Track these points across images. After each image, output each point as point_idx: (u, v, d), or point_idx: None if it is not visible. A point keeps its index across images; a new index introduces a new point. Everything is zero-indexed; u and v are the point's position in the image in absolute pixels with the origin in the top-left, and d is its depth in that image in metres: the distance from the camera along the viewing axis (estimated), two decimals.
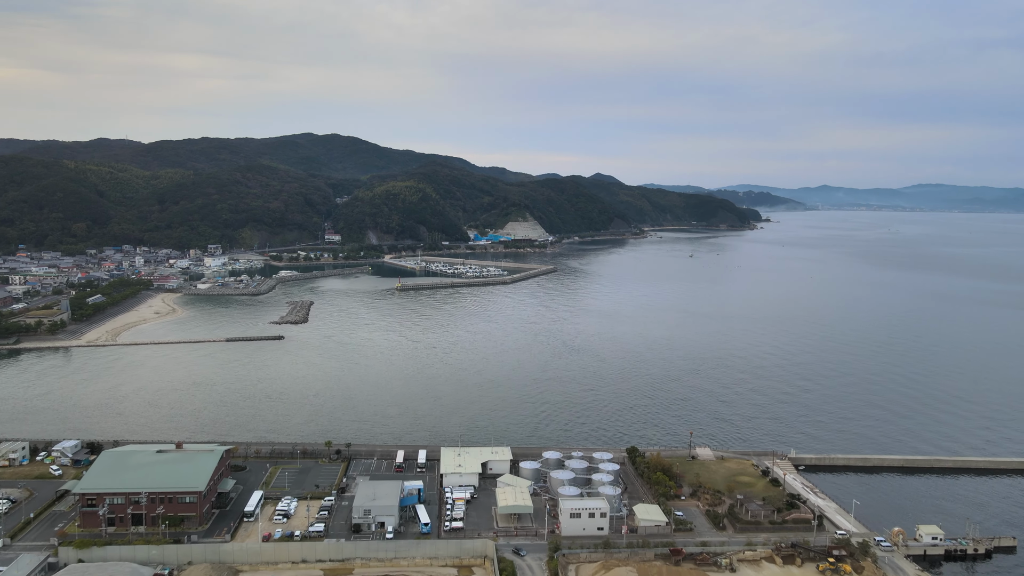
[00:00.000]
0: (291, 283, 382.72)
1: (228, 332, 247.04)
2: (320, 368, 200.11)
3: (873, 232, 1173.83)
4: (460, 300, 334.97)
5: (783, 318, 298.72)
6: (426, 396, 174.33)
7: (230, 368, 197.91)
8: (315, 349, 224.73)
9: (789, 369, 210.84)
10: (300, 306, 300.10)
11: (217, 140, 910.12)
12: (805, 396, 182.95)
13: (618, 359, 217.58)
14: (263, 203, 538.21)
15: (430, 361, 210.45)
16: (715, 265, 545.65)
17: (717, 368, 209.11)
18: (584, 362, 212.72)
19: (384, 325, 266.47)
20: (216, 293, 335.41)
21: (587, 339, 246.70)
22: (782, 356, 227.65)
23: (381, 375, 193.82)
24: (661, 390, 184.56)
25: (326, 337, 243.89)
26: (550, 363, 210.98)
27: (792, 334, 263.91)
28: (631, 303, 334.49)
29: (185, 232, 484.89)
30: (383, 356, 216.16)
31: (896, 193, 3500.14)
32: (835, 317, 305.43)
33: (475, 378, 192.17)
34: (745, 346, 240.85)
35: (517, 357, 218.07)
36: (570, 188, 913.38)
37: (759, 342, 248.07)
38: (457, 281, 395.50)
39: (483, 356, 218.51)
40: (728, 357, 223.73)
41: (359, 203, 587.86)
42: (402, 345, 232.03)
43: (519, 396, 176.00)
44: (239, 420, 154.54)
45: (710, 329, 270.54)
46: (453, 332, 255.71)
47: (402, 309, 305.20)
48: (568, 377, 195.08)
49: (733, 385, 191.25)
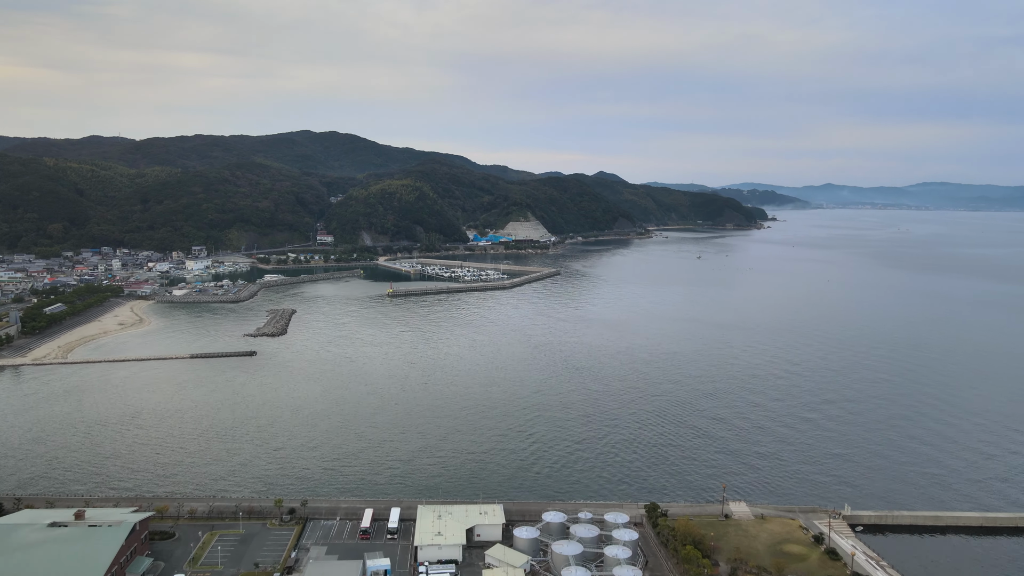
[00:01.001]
0: (276, 288, 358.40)
1: (195, 347, 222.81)
2: (288, 393, 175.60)
3: (883, 231, 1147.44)
4: (455, 308, 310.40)
5: (805, 329, 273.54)
6: (407, 429, 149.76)
7: (185, 393, 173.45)
8: (288, 368, 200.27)
9: (823, 394, 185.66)
10: (280, 315, 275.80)
11: (210, 137, 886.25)
12: (848, 428, 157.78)
13: (626, 381, 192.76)
14: (252, 202, 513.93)
15: (415, 382, 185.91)
16: (725, 267, 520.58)
17: (739, 392, 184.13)
18: (588, 384, 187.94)
19: (369, 338, 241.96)
20: (192, 300, 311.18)
21: (590, 354, 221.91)
22: (812, 377, 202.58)
23: (358, 402, 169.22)
24: (679, 422, 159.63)
25: (303, 353, 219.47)
26: (550, 385, 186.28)
27: (818, 348, 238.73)
28: (638, 311, 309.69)
29: (168, 233, 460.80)
30: (363, 376, 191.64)
31: (901, 192, 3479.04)
32: (866, 328, 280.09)
33: (464, 404, 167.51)
34: (767, 363, 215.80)
35: (513, 376, 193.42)
36: (573, 187, 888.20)
37: (782, 358, 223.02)
38: (453, 286, 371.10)
39: (475, 375, 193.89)
40: (749, 378, 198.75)
41: (353, 202, 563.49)
42: (386, 362, 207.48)
43: (514, 428, 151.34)
44: (176, 467, 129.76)
45: (726, 342, 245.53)
46: (444, 346, 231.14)
47: (391, 318, 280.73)
48: (570, 402, 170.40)
49: (760, 415, 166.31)
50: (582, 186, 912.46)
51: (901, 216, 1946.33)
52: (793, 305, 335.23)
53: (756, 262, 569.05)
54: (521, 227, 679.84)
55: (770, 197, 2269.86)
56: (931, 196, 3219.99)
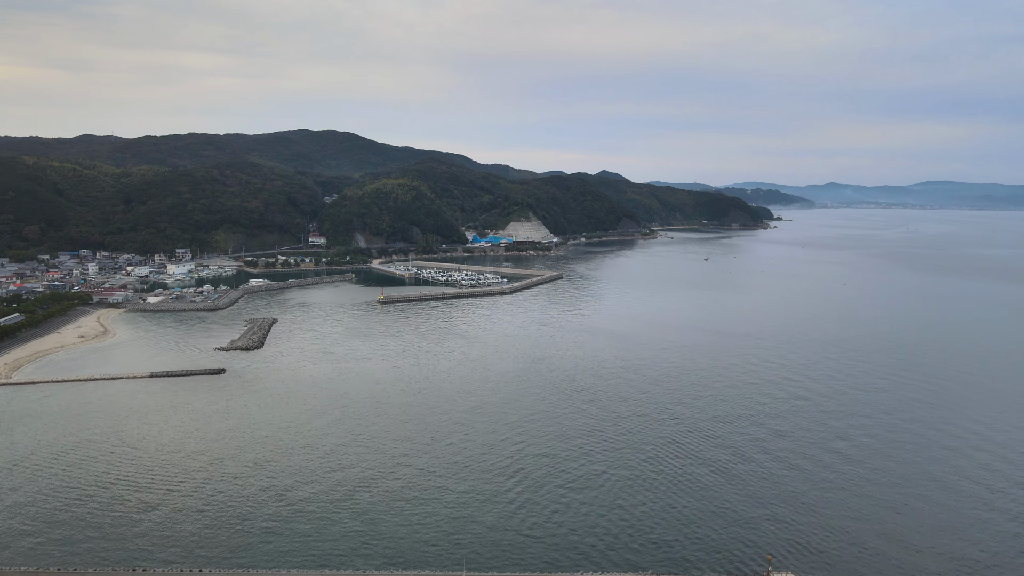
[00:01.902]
0: (259, 295, 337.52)
1: (157, 363, 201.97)
2: (248, 423, 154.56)
3: (892, 231, 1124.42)
4: (449, 316, 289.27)
5: (826, 339, 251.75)
6: (373, 470, 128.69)
7: (130, 423, 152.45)
8: (256, 390, 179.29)
9: (853, 419, 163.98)
10: (259, 326, 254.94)
11: (204, 136, 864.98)
12: (896, 468, 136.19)
13: (630, 403, 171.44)
14: (241, 203, 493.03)
15: (394, 407, 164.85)
16: (734, 269, 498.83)
17: (760, 417, 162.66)
18: (588, 408, 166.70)
19: (352, 352, 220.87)
20: (167, 308, 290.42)
21: (592, 371, 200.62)
22: (840, 398, 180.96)
23: (323, 434, 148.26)
24: (693, 457, 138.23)
25: (277, 370, 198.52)
26: (544, 410, 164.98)
27: (842, 362, 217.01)
28: (644, 319, 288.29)
29: (151, 235, 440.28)
30: (337, 400, 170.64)
31: (905, 190, 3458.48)
32: (893, 337, 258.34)
33: (445, 434, 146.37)
34: (788, 380, 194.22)
35: (504, 398, 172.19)
36: (576, 186, 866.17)
37: (805, 374, 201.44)
38: (449, 291, 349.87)
39: (461, 398, 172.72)
40: (770, 400, 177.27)
41: (347, 203, 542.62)
42: (366, 382, 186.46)
43: (497, 466, 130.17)
44: (88, 523, 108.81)
45: (741, 355, 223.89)
46: (432, 360, 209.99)
47: (379, 329, 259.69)
48: (566, 431, 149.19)
49: (788, 448, 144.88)
50: (585, 185, 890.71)
51: (907, 215, 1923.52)
52: (810, 312, 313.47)
53: (766, 264, 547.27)
54: (522, 228, 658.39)
55: (774, 196, 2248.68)
56: (935, 195, 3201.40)
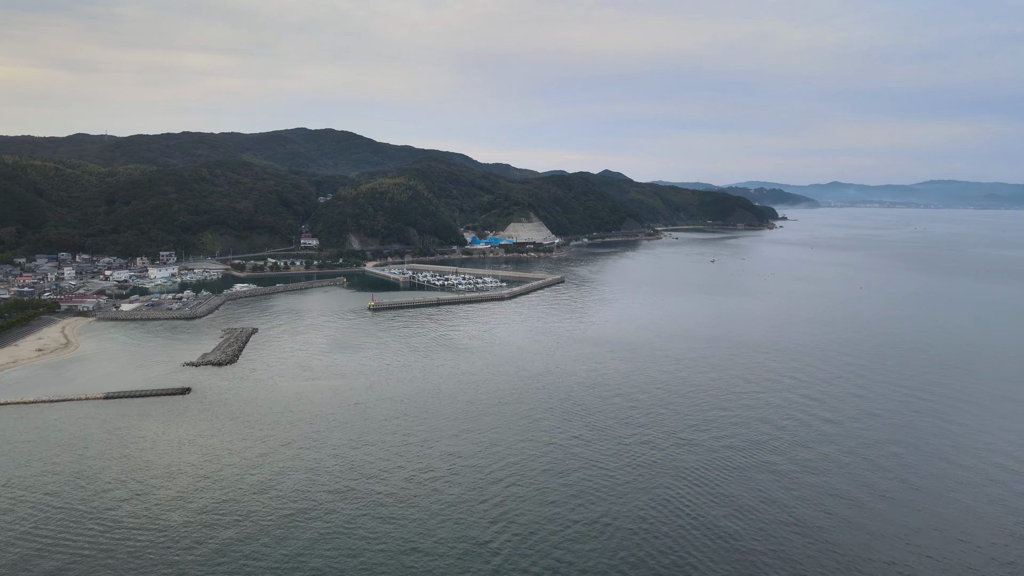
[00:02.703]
0: (243, 301, 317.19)
1: (117, 381, 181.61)
2: (202, 457, 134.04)
3: (900, 231, 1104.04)
4: (442, 324, 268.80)
5: (856, 352, 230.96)
6: (332, 530, 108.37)
7: (63, 459, 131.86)
8: (220, 414, 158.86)
9: (905, 456, 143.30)
10: (236, 337, 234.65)
11: (198, 134, 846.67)
12: (958, 516, 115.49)
13: (636, 432, 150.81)
14: (229, 203, 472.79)
15: (368, 440, 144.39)
16: (743, 272, 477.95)
17: (791, 450, 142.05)
18: (587, 438, 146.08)
19: (333, 366, 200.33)
20: (140, 317, 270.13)
21: (594, 390, 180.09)
22: (884, 425, 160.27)
23: (281, 473, 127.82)
24: (717, 500, 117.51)
25: (249, 389, 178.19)
26: (535, 442, 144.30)
27: (880, 380, 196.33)
28: (652, 327, 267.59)
29: (134, 237, 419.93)
30: (306, 427, 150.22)
31: (908, 189, 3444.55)
32: (923, 348, 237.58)
33: (416, 471, 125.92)
34: (815, 403, 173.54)
35: (491, 426, 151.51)
36: (578, 185, 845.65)
37: (834, 395, 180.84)
38: (444, 297, 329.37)
39: (443, 427, 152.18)
40: (797, 425, 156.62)
41: (341, 203, 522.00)
42: (342, 404, 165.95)
43: (483, 512, 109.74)
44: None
45: (761, 371, 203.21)
46: (418, 377, 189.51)
47: (365, 339, 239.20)
48: (561, 477, 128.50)
49: (824, 488, 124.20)
50: (587, 184, 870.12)
51: (912, 215, 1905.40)
52: (829, 319, 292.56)
53: (775, 266, 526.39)
54: (523, 228, 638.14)
55: (778, 196, 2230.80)
56: (939, 194, 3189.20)
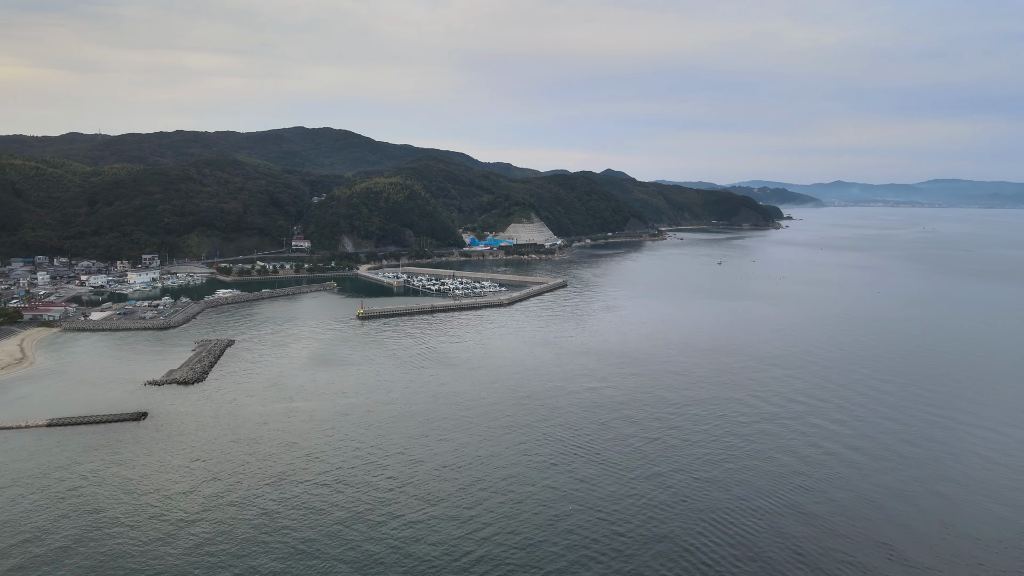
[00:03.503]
0: (224, 308, 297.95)
1: (67, 405, 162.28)
2: (143, 500, 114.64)
3: (908, 231, 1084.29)
4: (434, 335, 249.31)
5: (880, 368, 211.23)
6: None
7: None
8: (175, 444, 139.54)
9: (933, 510, 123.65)
10: (209, 350, 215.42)
11: (191, 133, 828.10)
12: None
13: (640, 471, 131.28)
14: (217, 203, 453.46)
15: (334, 474, 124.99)
16: (753, 275, 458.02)
17: (837, 501, 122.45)
18: (584, 478, 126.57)
19: (308, 385, 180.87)
20: (110, 327, 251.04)
21: (595, 416, 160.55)
22: (911, 466, 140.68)
23: (229, 526, 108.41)
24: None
25: (212, 412, 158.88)
26: (517, 488, 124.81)
27: (909, 405, 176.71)
28: (659, 337, 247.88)
29: (115, 239, 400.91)
30: (264, 461, 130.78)
31: (912, 189, 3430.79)
32: (970, 365, 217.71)
33: (386, 536, 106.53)
34: (833, 432, 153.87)
35: (479, 459, 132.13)
36: (581, 185, 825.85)
37: (855, 425, 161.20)
38: (439, 304, 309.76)
39: (418, 465, 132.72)
40: (832, 462, 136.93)
41: (334, 203, 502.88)
42: (309, 432, 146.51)
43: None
44: None
45: (780, 390, 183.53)
46: (403, 398, 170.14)
47: (350, 351, 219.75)
48: (553, 535, 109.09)
49: (842, 554, 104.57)
50: (590, 184, 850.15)
51: (918, 214, 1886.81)
52: (848, 328, 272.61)
53: (785, 268, 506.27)
54: (524, 229, 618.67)
55: (781, 195, 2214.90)
56: (942, 193, 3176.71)
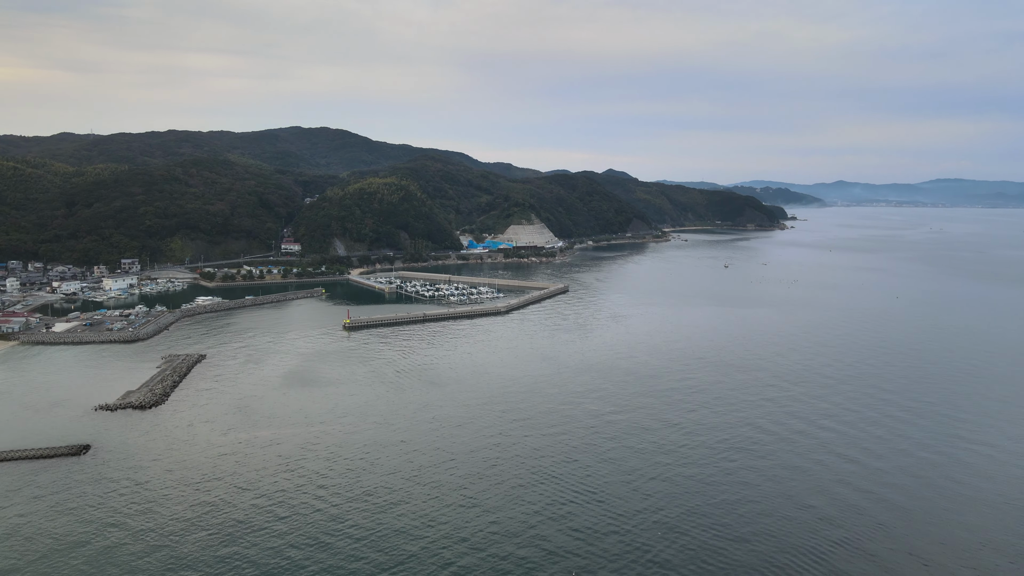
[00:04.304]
0: (201, 317, 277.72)
1: (2, 434, 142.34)
2: (51, 565, 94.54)
3: (916, 231, 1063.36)
4: (425, 348, 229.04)
5: (917, 389, 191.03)
6: None
7: None
8: (107, 491, 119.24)
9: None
10: (175, 367, 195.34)
11: (184, 133, 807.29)
12: None
13: (656, 523, 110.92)
14: (203, 205, 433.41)
15: (279, 529, 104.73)
16: (763, 279, 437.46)
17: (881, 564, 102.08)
18: (586, 545, 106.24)
19: (277, 407, 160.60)
20: (71, 340, 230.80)
21: (601, 445, 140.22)
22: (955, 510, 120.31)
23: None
24: None
25: (165, 443, 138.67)
26: (510, 551, 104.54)
27: (961, 431, 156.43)
28: (667, 350, 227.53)
29: (94, 243, 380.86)
30: (219, 506, 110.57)
31: (914, 188, 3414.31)
32: (1010, 379, 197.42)
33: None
34: (867, 468, 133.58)
35: (457, 504, 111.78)
36: (582, 185, 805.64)
37: (883, 464, 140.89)
38: (432, 312, 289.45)
39: (388, 512, 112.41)
40: (878, 510, 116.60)
41: (326, 204, 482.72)
42: (270, 468, 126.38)
43: None
44: None
45: (810, 414, 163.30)
46: (382, 421, 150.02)
47: (331, 368, 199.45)
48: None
49: None
50: (592, 184, 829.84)
51: (923, 214, 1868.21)
52: (871, 339, 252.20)
53: (797, 271, 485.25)
54: (524, 231, 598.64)
55: (784, 195, 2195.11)
56: (945, 193, 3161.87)
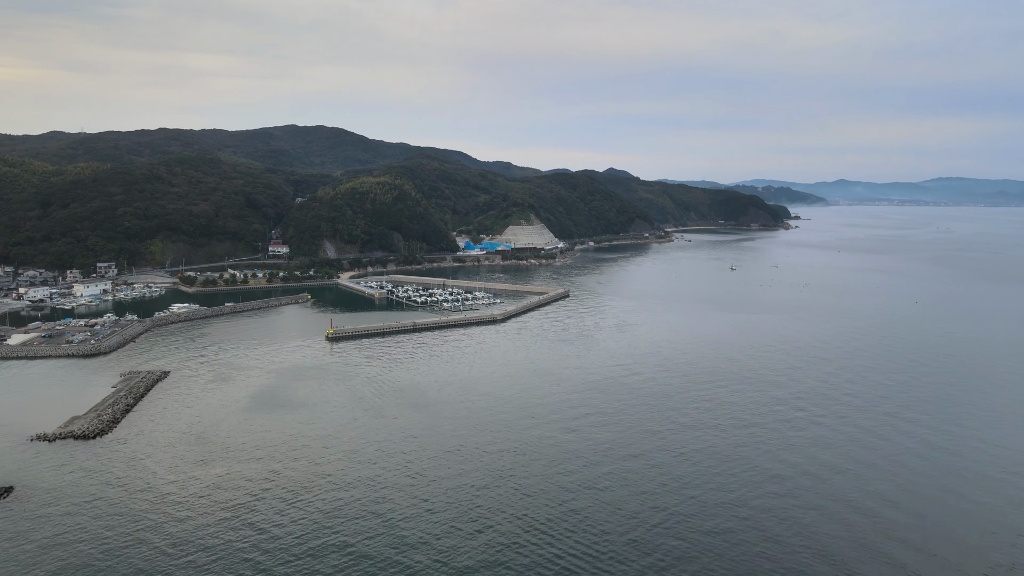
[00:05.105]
0: (173, 328, 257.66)
1: None
2: None
3: (923, 231, 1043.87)
4: (413, 361, 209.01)
5: (958, 414, 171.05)
6: None
7: None
8: (16, 550, 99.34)
9: None
10: (133, 386, 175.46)
11: (175, 131, 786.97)
12: None
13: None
14: (185, 205, 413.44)
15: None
16: (773, 282, 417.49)
17: None
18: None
19: (235, 435, 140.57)
20: (26, 355, 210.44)
21: (602, 497, 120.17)
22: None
23: None
24: None
25: (93, 489, 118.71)
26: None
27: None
28: (674, 364, 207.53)
29: (68, 246, 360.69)
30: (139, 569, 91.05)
31: (916, 187, 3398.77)
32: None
33: None
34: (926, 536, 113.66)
35: (438, 561, 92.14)
36: (583, 184, 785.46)
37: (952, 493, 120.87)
38: (422, 321, 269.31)
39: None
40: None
41: (316, 204, 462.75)
42: (216, 518, 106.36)
43: None
44: None
45: (839, 442, 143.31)
46: (351, 450, 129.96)
47: (305, 386, 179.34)
48: None
49: None
50: (593, 183, 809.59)
51: (927, 213, 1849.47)
52: (897, 349, 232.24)
53: (807, 274, 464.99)
54: (523, 232, 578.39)
55: (786, 194, 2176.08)
56: (947, 191, 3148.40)
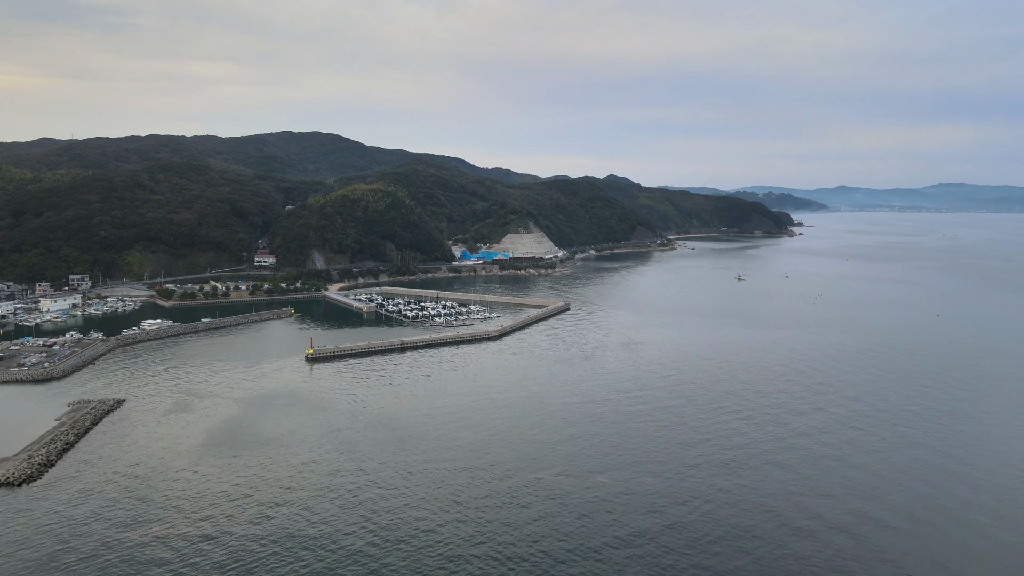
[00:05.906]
0: (140, 347, 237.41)
1: None
2: None
3: (929, 238, 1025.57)
4: (395, 386, 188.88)
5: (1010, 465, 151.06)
6: None
7: None
8: None
9: None
10: (78, 420, 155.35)
11: (165, 137, 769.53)
12: None
13: None
14: (166, 214, 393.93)
15: None
16: (783, 294, 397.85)
17: None
18: None
19: (178, 478, 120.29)
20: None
21: (602, 556, 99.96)
22: None
23: None
24: None
25: (12, 547, 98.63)
26: None
27: None
28: (685, 387, 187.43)
29: (39, 257, 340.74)
30: None
31: (917, 193, 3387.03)
32: None
33: None
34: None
35: None
36: (584, 191, 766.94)
37: None
38: (411, 339, 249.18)
39: None
40: None
41: (305, 213, 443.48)
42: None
43: None
44: None
45: (882, 491, 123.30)
46: (306, 500, 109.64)
47: (271, 419, 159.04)
48: None
49: None
50: (594, 190, 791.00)
51: (930, 219, 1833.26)
52: (925, 371, 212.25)
53: (818, 285, 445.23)
54: (521, 240, 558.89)
55: (787, 200, 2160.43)
56: (948, 197, 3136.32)
